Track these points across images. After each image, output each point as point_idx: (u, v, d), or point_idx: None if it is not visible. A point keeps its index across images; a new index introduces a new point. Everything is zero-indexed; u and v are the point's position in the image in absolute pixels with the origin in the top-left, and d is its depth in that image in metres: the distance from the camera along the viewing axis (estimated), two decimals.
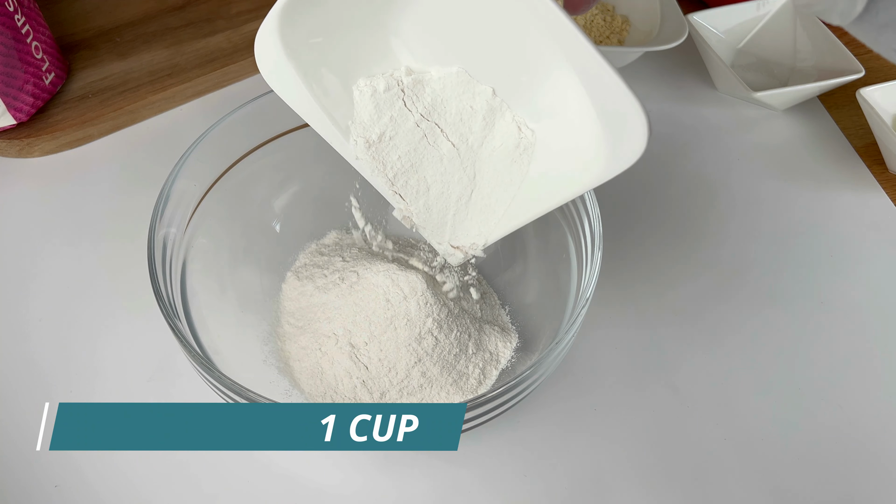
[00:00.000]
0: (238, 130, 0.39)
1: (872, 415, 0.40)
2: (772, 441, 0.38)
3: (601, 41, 0.56)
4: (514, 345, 0.39)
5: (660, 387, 0.40)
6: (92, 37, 0.57)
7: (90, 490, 0.36)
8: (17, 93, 0.48)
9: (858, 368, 0.41)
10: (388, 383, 0.36)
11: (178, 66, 0.54)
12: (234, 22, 0.57)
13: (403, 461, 0.37)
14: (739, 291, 0.44)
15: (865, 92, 0.50)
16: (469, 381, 0.37)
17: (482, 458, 0.38)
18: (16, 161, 0.50)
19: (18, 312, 0.43)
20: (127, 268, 0.44)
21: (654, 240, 0.46)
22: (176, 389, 0.39)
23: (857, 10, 0.29)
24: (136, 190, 0.48)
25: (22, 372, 0.40)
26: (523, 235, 0.42)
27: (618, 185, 0.49)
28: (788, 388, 0.40)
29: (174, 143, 0.51)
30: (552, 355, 0.32)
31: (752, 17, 0.58)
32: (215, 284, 0.39)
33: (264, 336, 0.39)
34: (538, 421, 0.39)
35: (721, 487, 0.37)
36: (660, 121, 0.54)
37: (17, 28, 0.47)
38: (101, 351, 0.41)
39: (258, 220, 0.42)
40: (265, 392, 0.31)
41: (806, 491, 0.37)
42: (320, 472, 0.37)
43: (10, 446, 0.38)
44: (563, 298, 0.38)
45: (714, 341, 0.42)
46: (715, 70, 0.55)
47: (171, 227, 0.36)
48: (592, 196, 0.36)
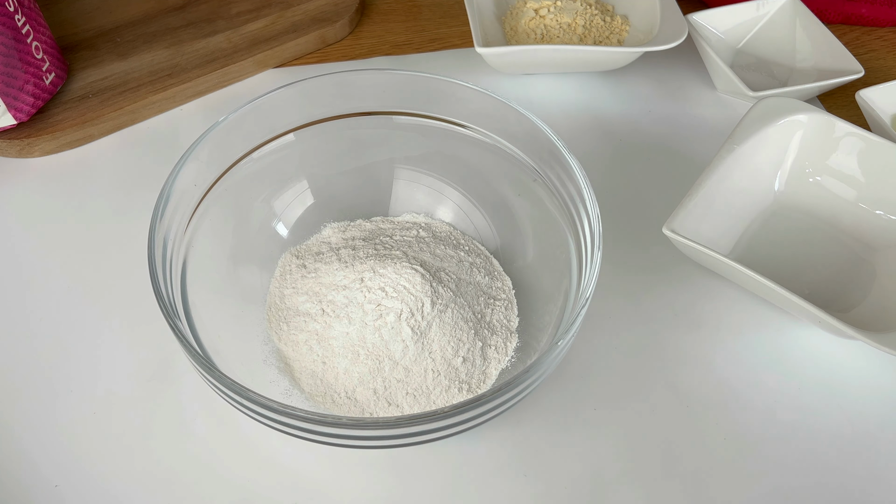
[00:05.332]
0: (238, 130, 0.39)
1: (873, 415, 0.40)
2: (772, 441, 0.39)
3: (601, 41, 0.56)
4: (514, 345, 0.39)
5: (660, 387, 0.40)
6: (92, 37, 0.57)
7: (90, 490, 0.36)
8: (17, 93, 0.48)
9: (859, 368, 0.41)
10: (388, 382, 0.36)
11: (179, 66, 0.54)
12: (234, 22, 0.57)
13: (404, 461, 0.37)
14: (739, 291, 0.44)
15: (865, 93, 0.50)
16: (469, 380, 0.37)
17: (482, 458, 0.38)
18: (16, 161, 0.50)
19: (19, 312, 0.43)
20: (127, 268, 0.44)
21: (654, 239, 0.46)
22: (176, 389, 0.39)
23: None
24: (136, 190, 0.48)
25: (22, 371, 0.40)
26: (523, 235, 0.42)
27: (618, 184, 0.50)
28: (788, 387, 0.40)
29: (174, 143, 0.51)
30: (552, 355, 0.32)
31: (751, 17, 0.58)
32: (215, 284, 0.39)
33: (264, 336, 0.39)
34: (538, 421, 0.39)
35: (721, 487, 0.37)
36: (659, 121, 0.54)
37: (17, 28, 0.47)
38: (101, 351, 0.41)
39: (258, 220, 0.42)
40: (265, 392, 0.31)
41: (806, 491, 0.37)
42: (321, 471, 0.37)
43: (10, 446, 0.38)
44: (563, 298, 0.38)
45: (714, 341, 0.42)
46: (715, 70, 0.55)
47: (171, 227, 0.36)
48: (592, 196, 0.36)
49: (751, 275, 0.39)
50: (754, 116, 0.46)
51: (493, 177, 0.43)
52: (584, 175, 0.37)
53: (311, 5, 0.59)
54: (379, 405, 0.36)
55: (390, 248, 0.41)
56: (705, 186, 0.43)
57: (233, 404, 0.32)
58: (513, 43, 0.57)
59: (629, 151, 0.52)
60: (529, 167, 0.41)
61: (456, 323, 0.37)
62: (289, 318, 0.39)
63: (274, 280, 0.41)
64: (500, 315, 0.40)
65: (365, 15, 0.62)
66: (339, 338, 0.37)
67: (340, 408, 0.36)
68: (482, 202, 0.44)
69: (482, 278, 0.41)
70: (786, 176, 0.47)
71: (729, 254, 0.44)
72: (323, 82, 0.41)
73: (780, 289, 0.38)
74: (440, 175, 0.44)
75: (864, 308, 0.42)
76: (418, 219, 0.44)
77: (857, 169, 0.46)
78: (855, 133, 0.45)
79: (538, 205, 0.41)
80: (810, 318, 0.39)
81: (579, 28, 0.56)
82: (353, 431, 0.30)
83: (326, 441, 0.31)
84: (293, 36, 0.56)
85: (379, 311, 0.37)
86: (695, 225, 0.42)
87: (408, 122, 0.43)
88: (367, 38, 0.60)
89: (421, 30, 0.60)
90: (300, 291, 0.40)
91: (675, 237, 0.40)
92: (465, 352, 0.37)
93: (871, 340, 0.36)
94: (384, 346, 0.36)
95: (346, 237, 0.43)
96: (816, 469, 0.38)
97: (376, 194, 0.45)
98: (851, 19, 0.61)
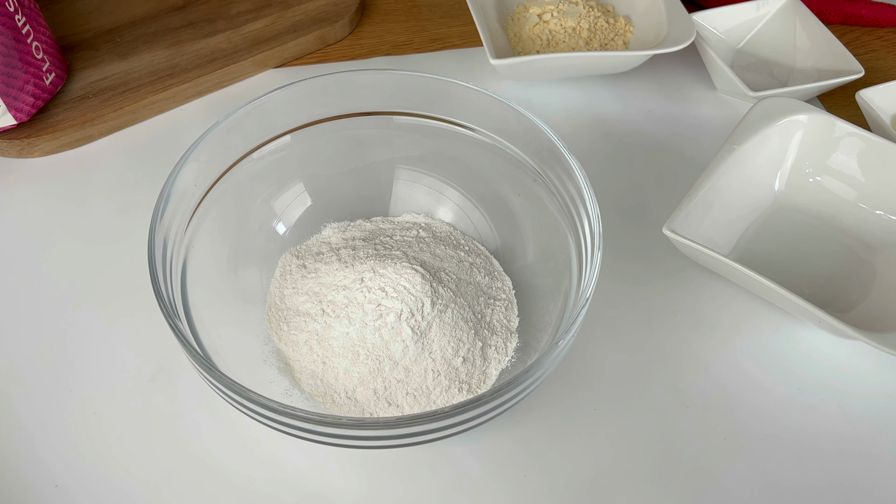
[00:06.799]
0: (238, 130, 0.39)
1: (873, 414, 0.40)
2: (772, 441, 0.39)
3: (606, 45, 0.56)
4: (514, 345, 0.39)
5: (660, 387, 0.40)
6: (92, 37, 0.57)
7: (90, 490, 0.36)
8: (17, 93, 0.48)
9: (858, 368, 0.41)
10: (388, 382, 0.36)
11: (179, 66, 0.54)
12: (234, 22, 0.57)
13: (404, 461, 0.37)
14: (739, 291, 0.44)
15: (865, 93, 0.50)
16: (469, 380, 0.37)
17: (482, 458, 0.38)
18: (16, 161, 0.50)
19: (19, 312, 0.43)
20: (127, 268, 0.44)
21: (654, 239, 0.46)
22: (176, 389, 0.39)
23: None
24: (137, 190, 0.48)
25: (22, 371, 0.40)
26: (523, 235, 0.42)
27: (618, 184, 0.50)
28: (788, 387, 0.40)
29: (174, 143, 0.51)
30: (552, 355, 0.32)
31: (751, 18, 0.58)
32: (215, 284, 0.39)
33: (264, 336, 0.39)
34: (538, 421, 0.39)
35: (721, 487, 0.37)
36: (659, 121, 0.54)
37: (17, 28, 0.47)
38: (102, 351, 0.41)
39: (258, 220, 0.42)
40: (265, 392, 0.31)
41: (806, 491, 0.37)
42: (320, 470, 0.37)
43: (11, 446, 0.38)
44: (564, 298, 0.38)
45: (714, 341, 0.42)
46: (715, 70, 0.55)
47: (171, 227, 0.36)
48: (592, 196, 0.36)
49: (751, 275, 0.39)
50: (754, 116, 0.46)
51: (493, 177, 0.43)
52: (584, 175, 0.37)
53: (311, 5, 0.59)
54: (379, 405, 0.36)
55: (390, 248, 0.41)
56: (705, 186, 0.43)
57: (233, 404, 0.32)
58: (518, 49, 0.56)
59: (629, 151, 0.52)
60: (529, 167, 0.41)
61: (456, 323, 0.37)
62: (289, 318, 0.39)
63: (274, 280, 0.41)
64: (500, 315, 0.40)
65: (365, 15, 0.62)
66: (340, 338, 0.37)
67: (340, 408, 0.36)
68: (482, 202, 0.44)
69: (482, 278, 0.41)
70: (786, 176, 0.47)
71: (729, 254, 0.44)
72: (323, 82, 0.41)
73: (780, 289, 0.38)
74: (440, 175, 0.44)
75: (864, 308, 0.42)
76: (418, 219, 0.44)
77: (857, 169, 0.46)
78: (855, 133, 0.45)
79: (538, 205, 0.41)
80: (810, 318, 0.39)
81: (584, 31, 0.56)
82: (353, 431, 0.30)
83: (326, 441, 0.31)
84: (293, 36, 0.57)
85: (379, 312, 0.37)
86: (695, 225, 0.42)
87: (408, 122, 0.43)
88: (367, 38, 0.60)
89: (421, 30, 0.60)
90: (300, 291, 0.40)
91: (675, 237, 0.40)
92: (465, 352, 0.37)
93: (871, 340, 0.36)
94: (384, 346, 0.36)
95: (346, 237, 0.43)
96: (816, 469, 0.38)
97: (376, 194, 0.45)
98: (851, 19, 0.61)
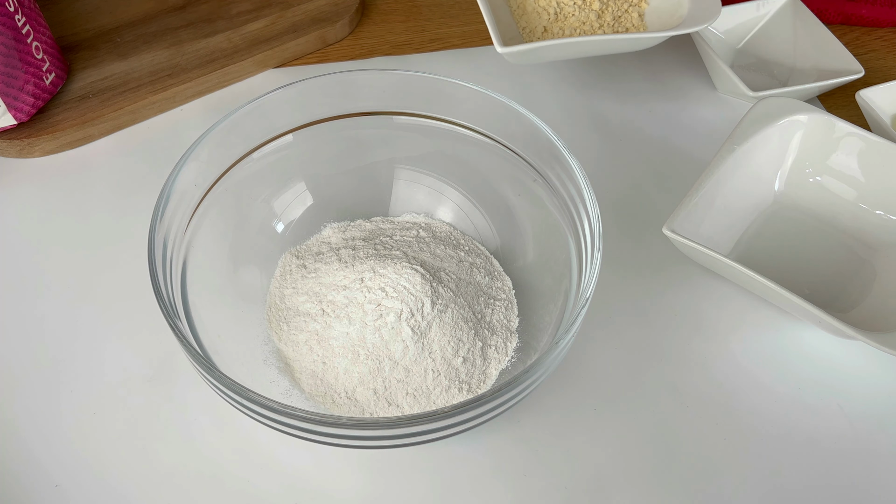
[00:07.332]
0: (238, 130, 0.39)
1: (873, 414, 0.40)
2: (772, 440, 0.39)
3: (619, 17, 0.52)
4: (514, 345, 0.39)
5: (660, 386, 0.40)
6: (92, 37, 0.57)
7: (90, 490, 0.36)
8: (17, 93, 0.48)
9: (858, 368, 0.41)
10: (388, 382, 0.36)
11: (179, 66, 0.54)
12: (234, 22, 0.57)
13: (404, 461, 0.37)
14: (739, 291, 0.44)
15: (865, 93, 0.50)
16: (469, 380, 0.37)
17: (482, 458, 0.38)
18: (16, 161, 0.50)
19: (19, 312, 0.43)
20: (127, 268, 0.44)
21: (654, 239, 0.46)
22: (176, 389, 0.39)
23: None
24: (137, 190, 0.48)
25: (22, 371, 0.40)
26: (523, 235, 0.42)
27: (618, 184, 0.50)
28: (788, 387, 0.40)
29: (174, 143, 0.51)
30: (552, 355, 0.32)
31: (752, 17, 0.58)
32: (215, 284, 0.39)
33: (264, 336, 0.39)
34: (538, 421, 0.39)
35: (721, 487, 0.37)
36: (659, 121, 0.54)
37: (17, 28, 0.47)
38: (102, 351, 0.41)
39: (258, 220, 0.42)
40: (265, 392, 0.31)
41: (806, 490, 0.37)
42: (320, 470, 0.37)
43: (11, 446, 0.38)
44: (563, 298, 0.38)
45: (714, 341, 0.42)
46: (715, 70, 0.55)
47: (171, 227, 0.36)
48: (592, 196, 0.36)
49: (751, 275, 0.39)
50: (754, 116, 0.46)
51: (493, 177, 0.43)
52: (584, 175, 0.37)
53: (311, 5, 0.59)
54: (379, 405, 0.36)
55: (390, 248, 0.41)
56: (705, 186, 0.43)
57: (233, 404, 0.32)
58: (521, 23, 0.52)
59: (629, 151, 0.52)
60: (529, 167, 0.41)
61: (456, 323, 0.37)
62: (289, 318, 0.39)
63: (274, 280, 0.41)
64: (500, 315, 0.40)
65: (365, 15, 0.62)
66: (340, 338, 0.37)
67: (340, 408, 0.36)
68: (482, 202, 0.44)
69: (482, 278, 0.41)
70: (786, 176, 0.47)
71: (729, 254, 0.44)
72: (323, 82, 0.41)
73: (780, 289, 0.38)
74: (440, 175, 0.44)
75: (864, 308, 0.42)
76: (418, 219, 0.44)
77: (857, 169, 0.46)
78: (855, 133, 0.45)
79: (538, 205, 0.41)
80: (810, 317, 0.39)
81: (595, 2, 0.51)
82: (353, 431, 0.30)
83: (326, 441, 0.31)
84: (293, 36, 0.56)
85: (379, 312, 0.37)
86: (695, 225, 0.42)
87: (408, 122, 0.43)
88: (367, 38, 0.60)
89: (421, 30, 0.60)
90: (300, 291, 0.40)
91: (675, 237, 0.40)
92: (465, 352, 0.37)
93: (871, 340, 0.36)
94: (384, 346, 0.36)
95: (346, 237, 0.43)
96: (816, 469, 0.38)
97: (376, 194, 0.45)
98: (851, 19, 0.61)
